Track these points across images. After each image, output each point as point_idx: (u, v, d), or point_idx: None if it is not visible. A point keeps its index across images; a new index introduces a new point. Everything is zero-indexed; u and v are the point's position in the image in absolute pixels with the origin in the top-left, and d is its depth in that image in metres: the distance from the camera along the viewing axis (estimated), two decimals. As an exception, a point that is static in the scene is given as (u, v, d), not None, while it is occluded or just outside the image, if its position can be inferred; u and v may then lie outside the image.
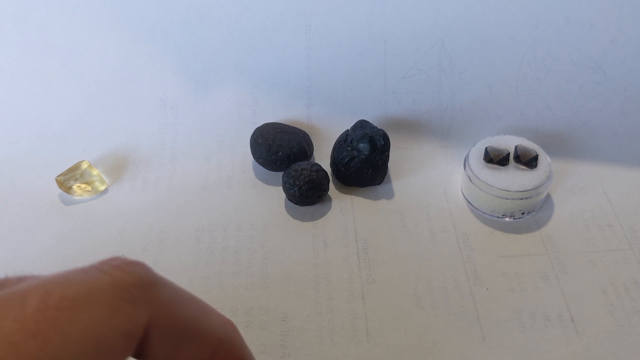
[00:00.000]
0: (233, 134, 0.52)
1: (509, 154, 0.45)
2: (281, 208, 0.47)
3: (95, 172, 0.48)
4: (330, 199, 0.48)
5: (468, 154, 0.47)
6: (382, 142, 0.46)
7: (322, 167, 0.46)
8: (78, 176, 0.47)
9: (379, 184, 0.49)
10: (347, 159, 0.47)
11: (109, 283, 0.17)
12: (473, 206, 0.46)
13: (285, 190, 0.46)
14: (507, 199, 0.44)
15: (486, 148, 0.46)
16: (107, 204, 0.47)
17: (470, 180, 0.45)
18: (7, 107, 0.51)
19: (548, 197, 0.47)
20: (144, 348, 0.18)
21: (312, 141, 0.51)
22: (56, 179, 0.47)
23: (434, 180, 0.49)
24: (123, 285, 0.17)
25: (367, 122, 0.48)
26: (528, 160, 0.44)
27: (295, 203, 0.46)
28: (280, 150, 0.47)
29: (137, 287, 0.18)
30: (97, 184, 0.48)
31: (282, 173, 0.48)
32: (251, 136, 0.49)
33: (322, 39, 0.50)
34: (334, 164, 0.48)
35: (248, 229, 0.45)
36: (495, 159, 0.45)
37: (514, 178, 0.44)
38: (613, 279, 0.41)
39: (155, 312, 0.18)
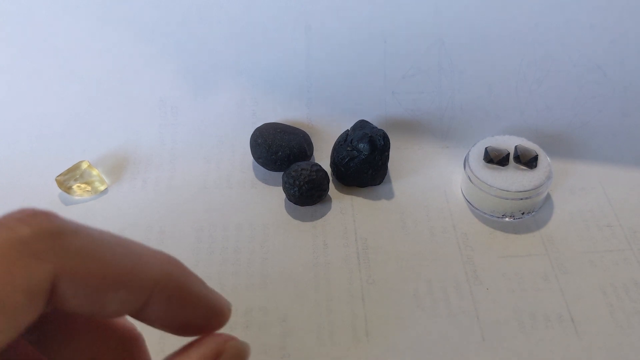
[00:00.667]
0: (233, 134, 0.52)
1: (508, 154, 0.45)
2: (281, 208, 0.47)
3: (95, 172, 0.48)
4: (330, 199, 0.48)
5: (468, 154, 0.47)
6: (382, 142, 0.46)
7: (322, 167, 0.46)
8: (78, 176, 0.47)
9: (379, 184, 0.49)
10: (347, 159, 0.47)
11: (8, 238, 0.16)
12: (473, 206, 0.46)
13: (285, 190, 0.46)
14: (507, 199, 0.44)
15: (486, 148, 0.46)
16: (106, 204, 0.47)
17: (470, 180, 0.45)
18: (7, 107, 0.51)
19: (548, 197, 0.47)
20: (58, 302, 0.17)
21: (312, 141, 0.51)
22: (56, 179, 0.47)
23: (434, 180, 0.49)
24: (24, 239, 0.17)
25: (367, 122, 0.48)
26: (528, 161, 0.44)
27: (295, 203, 0.46)
28: (280, 151, 0.47)
29: (40, 240, 0.17)
30: (97, 184, 0.48)
31: (282, 173, 0.48)
32: (251, 136, 0.49)
33: (322, 38, 0.50)
34: (333, 164, 0.48)
35: (248, 229, 0.45)
36: (495, 159, 0.45)
37: (514, 178, 0.44)
38: (613, 280, 0.41)
39: (63, 263, 0.17)
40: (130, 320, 0.21)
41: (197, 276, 0.21)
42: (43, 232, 0.17)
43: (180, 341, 0.21)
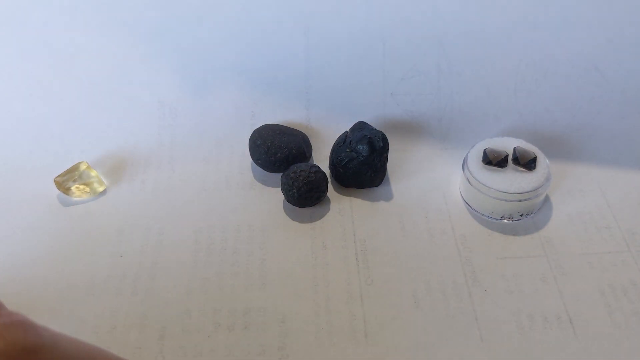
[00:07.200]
0: (232, 135, 0.52)
1: (507, 155, 0.45)
2: (280, 209, 0.47)
3: (93, 173, 0.48)
4: (328, 201, 0.48)
5: (467, 155, 0.47)
6: (381, 144, 0.46)
7: (320, 168, 0.46)
8: (77, 177, 0.47)
9: (378, 185, 0.49)
10: (345, 161, 0.47)
11: None
12: (472, 208, 0.46)
13: (284, 191, 0.46)
14: (506, 200, 0.44)
15: (485, 150, 0.46)
16: (105, 205, 0.47)
17: (468, 182, 0.45)
18: (6, 108, 0.51)
19: (546, 199, 0.48)
20: None
21: (311, 142, 0.51)
22: (55, 180, 0.47)
23: (432, 182, 0.49)
24: None
25: (365, 123, 0.48)
26: (526, 162, 0.45)
27: (294, 204, 0.46)
28: (279, 152, 0.47)
29: (12, 356, 0.16)
30: (95, 185, 0.48)
31: (280, 174, 0.48)
32: (250, 137, 0.49)
33: (321, 40, 0.50)
34: (332, 165, 0.48)
35: (246, 230, 0.45)
36: (494, 160, 0.45)
37: (513, 180, 0.44)
38: (611, 281, 0.41)
39: None
40: None
41: None
42: (17, 348, 0.17)
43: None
